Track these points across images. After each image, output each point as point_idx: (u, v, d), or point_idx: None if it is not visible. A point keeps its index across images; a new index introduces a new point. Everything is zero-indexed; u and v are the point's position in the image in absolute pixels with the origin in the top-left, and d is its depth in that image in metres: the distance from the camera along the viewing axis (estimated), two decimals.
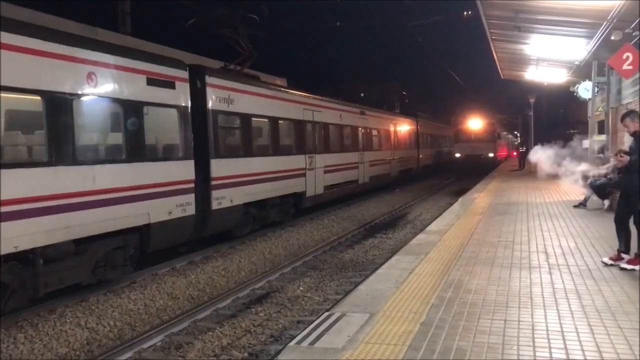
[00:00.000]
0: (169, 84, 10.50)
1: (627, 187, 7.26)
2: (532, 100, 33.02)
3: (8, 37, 7.22)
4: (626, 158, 7.15)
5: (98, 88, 8.79)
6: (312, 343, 4.77)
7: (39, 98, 7.70)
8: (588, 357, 4.31)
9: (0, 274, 7.21)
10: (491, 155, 40.67)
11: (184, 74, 11.03)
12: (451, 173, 38.37)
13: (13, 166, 7.34)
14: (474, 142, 40.39)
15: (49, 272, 7.87)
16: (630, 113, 7.59)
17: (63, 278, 8.20)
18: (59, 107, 7.96)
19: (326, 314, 5.67)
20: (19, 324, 7.62)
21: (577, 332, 4.87)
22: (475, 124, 41.92)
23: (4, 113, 7.80)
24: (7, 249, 7.10)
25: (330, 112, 19.52)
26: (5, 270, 7.27)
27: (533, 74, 23.00)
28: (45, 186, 7.66)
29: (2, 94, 7.25)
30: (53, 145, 7.81)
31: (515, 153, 46.42)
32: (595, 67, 16.28)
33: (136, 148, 9.58)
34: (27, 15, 9.96)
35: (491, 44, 17.40)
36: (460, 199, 17.49)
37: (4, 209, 7.00)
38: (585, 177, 12.84)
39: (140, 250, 9.90)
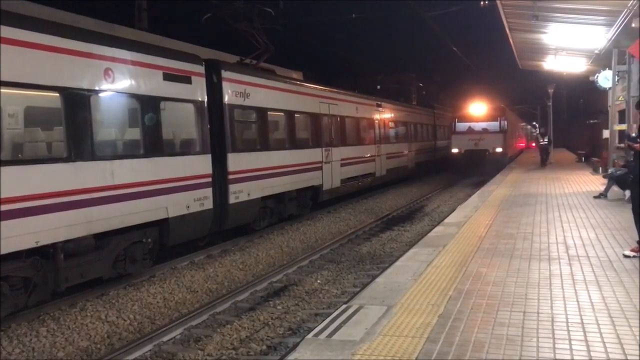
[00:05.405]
0: (186, 79, 10.54)
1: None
2: (550, 91, 32.54)
3: (27, 35, 7.29)
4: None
5: (115, 84, 8.85)
6: (330, 335, 4.77)
7: (57, 95, 7.78)
8: (609, 349, 4.25)
9: (23, 269, 7.34)
10: (499, 150, 29.78)
11: (200, 69, 11.06)
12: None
13: (33, 162, 7.45)
14: (477, 133, 29.80)
15: (70, 267, 7.97)
16: None
17: (84, 272, 8.29)
18: (77, 104, 8.04)
19: (344, 306, 5.67)
20: (41, 317, 7.75)
21: (598, 324, 4.81)
22: (478, 109, 30.75)
23: (24, 110, 7.91)
24: (28, 244, 7.20)
25: (346, 105, 19.47)
26: (28, 265, 7.39)
27: (552, 64, 22.74)
28: (65, 182, 7.74)
29: (22, 91, 7.36)
30: (72, 141, 7.88)
31: (534, 144, 45.11)
32: (615, 55, 16.03)
33: (153, 143, 9.64)
34: (46, 12, 10.09)
35: (509, 34, 17.22)
36: (478, 191, 17.37)
37: (26, 204, 7.10)
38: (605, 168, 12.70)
39: (160, 245, 9.98)
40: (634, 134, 7.79)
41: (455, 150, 30.22)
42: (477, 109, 30.76)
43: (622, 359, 4.11)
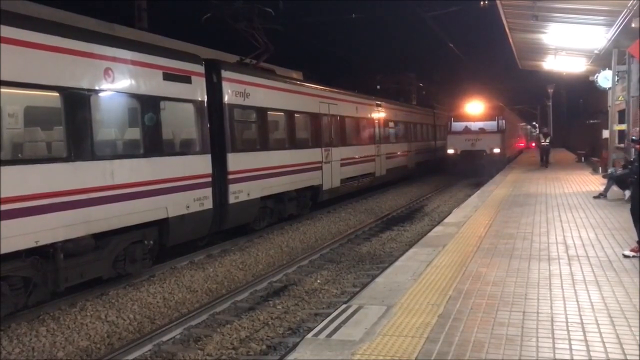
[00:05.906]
0: (185, 78, 10.53)
1: None
2: (550, 91, 32.57)
3: (27, 35, 7.29)
4: None
5: (115, 84, 8.85)
6: (330, 335, 4.77)
7: (57, 94, 7.77)
8: (609, 349, 4.26)
9: (23, 269, 7.34)
10: (497, 151, 27.91)
11: (200, 69, 11.05)
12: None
13: (33, 162, 7.45)
14: (473, 133, 28.04)
15: (70, 267, 7.96)
16: None
17: (84, 272, 8.29)
18: (77, 103, 8.03)
19: (343, 306, 5.68)
20: (41, 317, 7.75)
21: (598, 324, 4.81)
22: (474, 108, 28.93)
23: (24, 109, 7.91)
24: (28, 244, 7.20)
25: (346, 105, 19.47)
26: (27, 264, 7.38)
27: (551, 64, 22.78)
28: (65, 181, 7.74)
29: (22, 91, 7.36)
30: (72, 141, 7.88)
31: (533, 145, 45.01)
32: (615, 55, 16.05)
33: (153, 143, 9.63)
34: (46, 12, 10.09)
35: (509, 34, 17.24)
36: (478, 191, 17.37)
37: (25, 204, 7.10)
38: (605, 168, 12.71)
39: (159, 244, 9.98)
40: (634, 137, 7.79)
41: (451, 151, 28.56)
42: (474, 108, 28.94)
43: (621, 359, 4.11)
